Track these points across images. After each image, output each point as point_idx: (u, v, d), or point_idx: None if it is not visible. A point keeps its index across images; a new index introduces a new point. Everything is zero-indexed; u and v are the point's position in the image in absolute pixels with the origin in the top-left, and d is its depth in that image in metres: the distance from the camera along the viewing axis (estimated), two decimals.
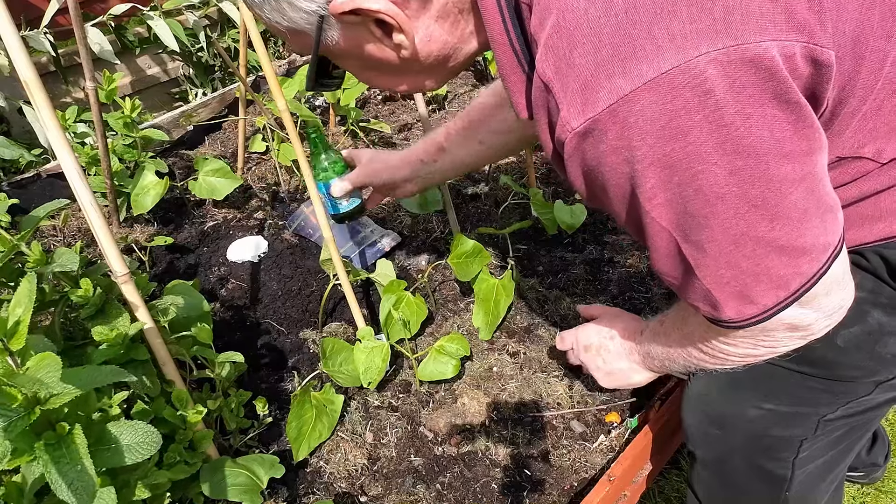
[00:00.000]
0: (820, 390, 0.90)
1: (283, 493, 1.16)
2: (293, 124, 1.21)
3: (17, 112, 2.18)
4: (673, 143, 0.59)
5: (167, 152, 2.17)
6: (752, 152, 0.59)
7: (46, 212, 0.99)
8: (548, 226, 1.70)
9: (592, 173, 0.67)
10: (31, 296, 0.72)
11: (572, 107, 0.62)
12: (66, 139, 0.88)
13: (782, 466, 1.00)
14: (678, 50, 0.56)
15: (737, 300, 0.69)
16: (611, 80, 0.59)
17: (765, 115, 0.58)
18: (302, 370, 1.40)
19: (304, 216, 1.74)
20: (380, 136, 2.28)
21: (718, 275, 0.68)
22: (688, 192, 0.62)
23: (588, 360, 1.16)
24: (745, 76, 0.56)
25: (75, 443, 0.69)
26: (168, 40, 2.37)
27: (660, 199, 0.64)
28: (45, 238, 1.77)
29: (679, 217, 0.65)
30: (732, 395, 0.99)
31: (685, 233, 0.66)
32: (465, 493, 1.17)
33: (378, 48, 0.75)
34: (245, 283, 1.62)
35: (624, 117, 0.59)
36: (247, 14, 1.19)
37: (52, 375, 0.64)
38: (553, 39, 0.63)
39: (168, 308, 1.10)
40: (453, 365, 1.30)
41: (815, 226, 0.64)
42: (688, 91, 0.57)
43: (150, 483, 0.91)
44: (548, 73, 0.64)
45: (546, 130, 0.70)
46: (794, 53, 0.58)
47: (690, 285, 0.71)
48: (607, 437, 1.27)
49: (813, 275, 0.66)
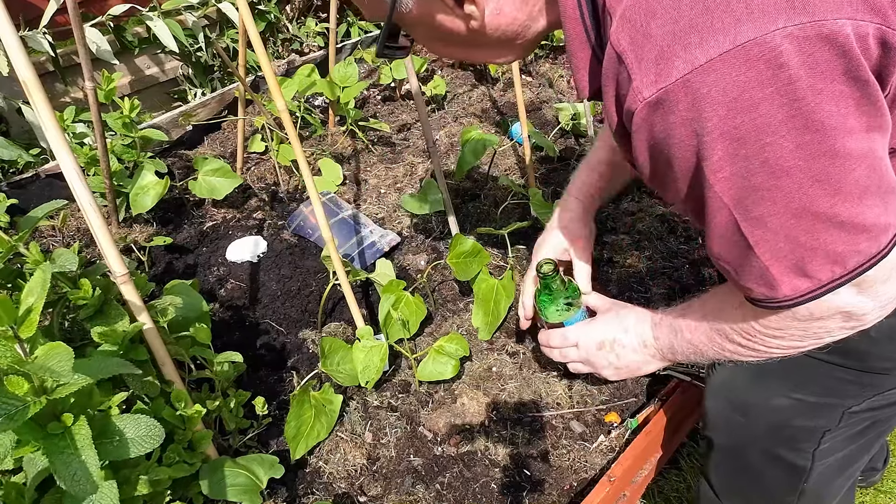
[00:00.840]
0: (848, 381, 0.90)
1: (282, 494, 1.16)
2: (292, 124, 1.21)
3: (16, 112, 2.18)
4: (743, 116, 0.60)
5: (166, 152, 2.17)
6: (820, 127, 0.60)
7: (44, 212, 0.99)
8: None
9: (659, 146, 0.68)
10: (45, 285, 0.72)
11: (646, 76, 0.63)
12: (65, 139, 0.88)
13: (803, 457, 1.00)
14: (755, 23, 0.58)
15: (792, 275, 0.69)
16: (687, 50, 0.60)
17: (834, 91, 0.59)
18: (301, 370, 1.40)
19: (304, 216, 1.74)
20: (379, 135, 2.28)
21: (776, 248, 0.68)
22: (754, 164, 0.63)
23: (599, 357, 1.11)
24: (819, 52, 0.58)
25: (80, 434, 0.69)
26: (167, 40, 2.37)
27: (725, 173, 0.64)
28: (44, 238, 1.77)
29: (742, 191, 0.65)
30: (759, 383, 0.99)
31: (746, 208, 0.66)
32: (464, 493, 1.17)
33: (449, 18, 0.76)
34: (244, 283, 1.62)
35: (697, 88, 0.60)
36: (246, 14, 1.19)
37: (62, 364, 0.64)
38: (630, 11, 0.64)
39: (167, 308, 1.10)
40: (452, 365, 1.30)
41: (875, 204, 0.64)
42: (762, 64, 0.58)
43: (152, 479, 0.91)
44: (622, 44, 0.65)
45: (613, 103, 0.71)
46: (868, 34, 0.59)
47: (746, 265, 0.71)
48: (607, 437, 1.26)
49: (872, 255, 0.66)
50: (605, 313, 1.14)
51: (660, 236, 1.76)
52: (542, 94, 2.57)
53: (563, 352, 1.17)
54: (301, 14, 3.06)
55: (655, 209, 1.84)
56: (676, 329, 0.97)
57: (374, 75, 2.68)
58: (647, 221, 1.80)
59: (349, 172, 2.09)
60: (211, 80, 2.71)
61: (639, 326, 1.06)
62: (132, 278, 0.98)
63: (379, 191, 2.01)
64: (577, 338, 1.14)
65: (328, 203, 1.77)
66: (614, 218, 1.83)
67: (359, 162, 2.15)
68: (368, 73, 2.73)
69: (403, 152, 2.20)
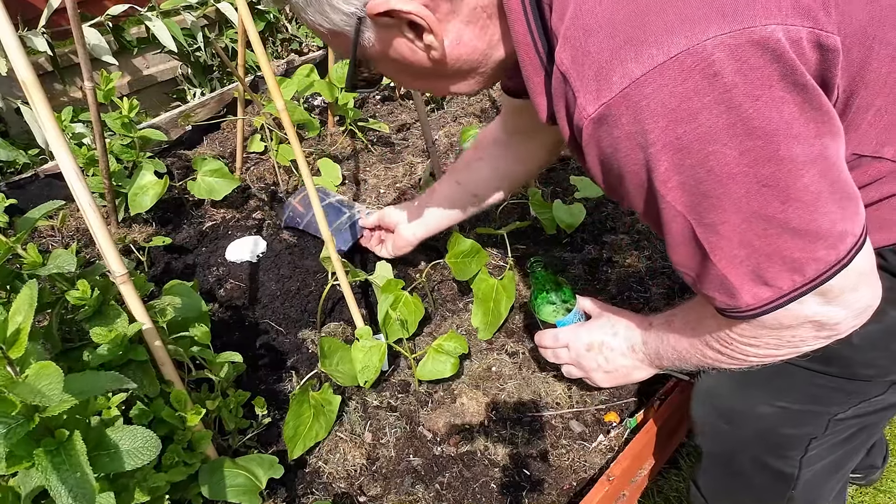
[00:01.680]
0: (832, 389, 0.89)
1: (281, 494, 1.16)
2: (291, 124, 1.21)
3: (15, 112, 2.18)
4: (684, 126, 0.61)
5: (165, 152, 2.17)
6: (762, 133, 0.60)
7: (42, 213, 0.99)
8: (546, 225, 1.70)
9: (609, 161, 0.69)
10: (32, 303, 0.71)
11: (588, 93, 0.64)
12: (64, 139, 0.88)
13: (790, 465, 1.00)
14: (687, 34, 0.58)
15: (752, 283, 0.69)
16: (623, 65, 0.61)
17: (773, 97, 0.59)
18: (300, 370, 1.40)
19: (291, 206, 1.73)
20: (378, 135, 2.28)
21: (732, 255, 0.68)
22: (700, 173, 0.63)
23: (588, 359, 1.12)
24: (752, 58, 0.58)
25: (75, 449, 0.68)
26: (166, 40, 2.37)
27: (673, 182, 0.65)
28: (44, 238, 1.77)
29: (693, 199, 0.65)
30: (743, 391, 0.99)
31: (699, 215, 0.67)
32: (463, 493, 1.17)
33: (410, 50, 0.78)
34: (244, 284, 1.62)
35: (636, 101, 0.61)
36: (245, 14, 1.19)
37: (52, 386, 0.64)
38: (570, 30, 0.65)
39: (166, 308, 1.10)
40: (451, 364, 1.30)
41: (830, 210, 0.64)
42: (697, 74, 0.58)
43: (149, 487, 0.90)
44: (565, 63, 0.66)
45: (564, 120, 0.72)
46: (801, 38, 0.59)
47: (706, 274, 0.71)
48: (606, 436, 1.27)
49: (832, 264, 0.66)
50: (598, 318, 1.15)
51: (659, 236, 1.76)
52: None
53: (555, 352, 1.18)
54: None
55: None
56: (662, 335, 0.97)
57: None
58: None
59: (348, 172, 2.09)
60: (210, 80, 2.71)
61: (628, 331, 1.07)
62: (131, 278, 0.98)
63: (378, 190, 2.01)
64: (568, 339, 1.16)
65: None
66: (613, 218, 1.83)
67: (358, 162, 2.15)
68: None
69: (403, 152, 2.20)
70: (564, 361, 1.18)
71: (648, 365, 1.05)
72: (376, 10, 0.71)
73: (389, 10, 0.71)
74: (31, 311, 0.70)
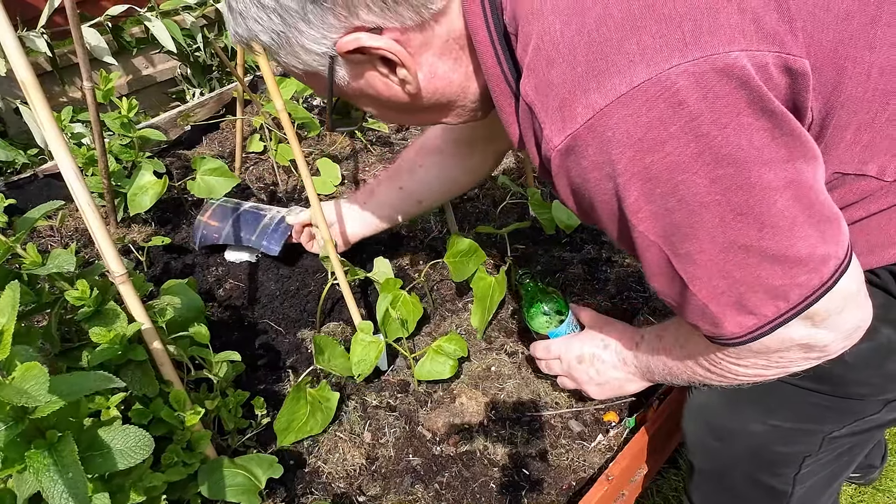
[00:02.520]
0: (825, 407, 0.88)
1: (281, 493, 1.16)
2: (291, 124, 1.21)
3: (14, 112, 2.18)
4: (651, 155, 0.60)
5: (164, 152, 2.17)
6: (732, 160, 0.59)
7: (41, 213, 0.99)
8: (546, 225, 1.70)
9: (579, 190, 0.68)
10: (15, 305, 0.70)
11: (553, 125, 0.63)
12: (64, 139, 0.88)
13: (783, 482, 0.99)
14: (649, 63, 0.57)
15: (735, 312, 0.68)
16: (586, 95, 0.60)
17: (741, 123, 0.58)
18: (300, 370, 1.40)
19: (203, 224, 1.65)
20: (377, 135, 2.28)
21: (712, 286, 0.67)
22: (671, 202, 0.62)
23: (580, 372, 1.13)
24: (717, 86, 0.57)
25: (66, 450, 0.68)
26: (165, 41, 2.37)
27: (645, 213, 0.64)
28: (43, 238, 1.77)
29: (666, 229, 0.64)
30: (735, 408, 0.97)
31: (673, 245, 0.65)
32: (463, 492, 1.17)
33: (385, 85, 0.77)
34: (243, 283, 1.62)
35: (601, 132, 0.60)
36: None
37: (38, 387, 0.63)
38: (533, 62, 0.64)
39: (166, 308, 1.10)
40: (451, 365, 1.30)
41: (807, 235, 0.63)
42: (661, 103, 0.57)
43: (145, 486, 0.90)
44: (530, 95, 0.65)
45: (534, 150, 0.72)
46: (767, 63, 0.58)
47: (687, 303, 0.70)
48: (605, 436, 1.27)
49: (816, 288, 0.65)
50: (590, 329, 1.15)
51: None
52: None
53: (548, 363, 1.19)
54: None
55: None
56: (653, 350, 0.97)
57: None
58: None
59: (347, 172, 2.09)
60: (209, 79, 2.71)
61: (619, 346, 1.07)
62: (130, 278, 0.98)
63: None
64: (559, 351, 1.16)
65: (224, 204, 1.68)
66: None
67: (357, 162, 2.15)
68: None
69: (402, 152, 2.20)
70: (556, 373, 1.18)
71: (640, 378, 1.05)
72: (346, 48, 0.70)
73: (359, 47, 0.70)
74: (13, 313, 0.69)
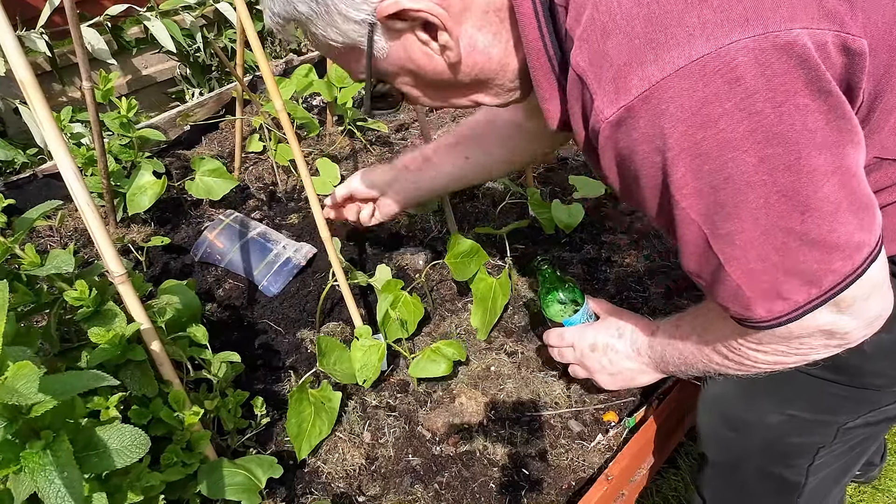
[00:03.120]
0: (842, 397, 0.88)
1: (280, 493, 1.16)
2: (290, 124, 1.21)
3: (13, 112, 2.18)
4: (704, 131, 0.59)
5: (164, 152, 2.17)
6: (783, 141, 0.59)
7: (40, 213, 0.99)
8: (545, 225, 1.70)
9: (625, 163, 0.67)
10: (4, 305, 0.69)
11: (605, 96, 0.63)
12: (63, 139, 0.88)
13: (797, 473, 0.99)
14: (709, 38, 0.57)
15: (767, 296, 0.67)
16: (643, 68, 0.59)
17: (797, 104, 0.58)
18: (299, 370, 1.40)
19: (209, 242, 1.64)
20: (377, 135, 2.28)
21: (748, 269, 0.66)
22: (717, 180, 0.62)
23: (592, 360, 1.12)
24: (776, 64, 0.56)
25: (62, 450, 0.68)
26: (165, 41, 2.37)
27: (690, 189, 0.63)
28: (42, 238, 1.77)
29: (709, 207, 0.64)
30: (751, 399, 0.97)
31: (714, 224, 0.65)
32: (462, 492, 1.17)
33: (426, 55, 0.75)
34: (242, 284, 1.62)
35: (655, 105, 0.60)
36: (243, 14, 1.19)
37: (29, 386, 0.63)
38: (587, 32, 0.64)
39: (165, 308, 1.10)
40: (446, 364, 1.30)
41: (848, 221, 0.63)
42: (718, 78, 0.57)
43: (143, 486, 0.90)
44: (581, 65, 0.65)
45: (580, 123, 0.71)
46: (826, 42, 0.58)
47: (720, 284, 0.70)
48: (605, 436, 1.27)
49: (847, 274, 0.65)
50: (605, 319, 1.15)
51: (657, 235, 1.77)
52: None
53: (560, 351, 1.18)
54: None
55: None
56: (669, 339, 0.97)
57: None
58: (645, 221, 1.80)
59: (347, 172, 2.09)
60: (209, 79, 2.71)
61: (634, 334, 1.06)
62: (130, 278, 0.98)
63: None
64: (573, 338, 1.15)
65: (234, 224, 1.67)
66: (612, 218, 1.83)
67: (357, 162, 2.15)
68: None
69: (401, 152, 2.20)
70: (569, 361, 1.17)
71: (653, 369, 1.04)
72: (387, 11, 0.68)
73: (401, 10, 0.68)
74: (2, 314, 0.68)
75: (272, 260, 1.59)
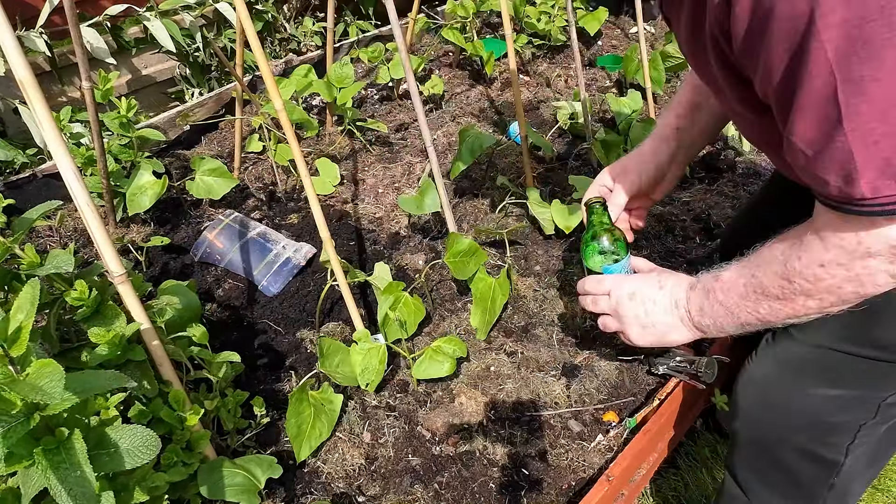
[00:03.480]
0: (883, 374, 0.89)
1: (280, 494, 1.16)
2: (290, 124, 1.21)
3: (13, 112, 2.18)
4: None
5: (164, 152, 2.17)
6: None
7: (40, 213, 0.99)
8: (545, 226, 1.70)
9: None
10: (34, 301, 0.71)
11: None
12: (62, 139, 0.88)
13: (836, 452, 0.98)
14: None
15: (879, 170, 0.62)
16: None
17: None
18: (299, 370, 1.40)
19: (209, 242, 1.65)
20: (377, 135, 2.28)
21: (869, 128, 0.61)
22: (871, 9, 0.56)
23: (627, 308, 1.07)
24: None
25: (75, 448, 0.68)
26: (164, 40, 2.37)
27: (836, 18, 0.58)
28: (41, 238, 1.77)
29: (850, 44, 0.59)
30: (795, 378, 0.97)
31: (849, 67, 0.60)
32: (462, 492, 1.17)
33: None
34: (242, 284, 1.62)
35: None
36: (243, 14, 1.19)
37: (53, 384, 0.64)
38: None
39: (165, 308, 1.10)
40: (448, 364, 1.30)
41: None
42: None
43: (148, 486, 0.90)
44: None
45: None
46: None
47: (829, 148, 0.64)
48: (605, 436, 1.27)
49: None
50: (647, 274, 1.13)
51: (657, 235, 1.77)
52: (539, 94, 2.57)
53: (595, 299, 1.14)
54: (298, 14, 3.06)
55: (653, 209, 1.84)
56: (709, 290, 0.94)
57: (371, 75, 2.67)
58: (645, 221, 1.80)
59: (346, 172, 2.09)
60: (208, 79, 2.71)
61: (675, 288, 1.03)
62: (129, 278, 0.98)
63: (377, 190, 2.01)
64: (612, 285, 1.11)
65: (234, 224, 1.68)
66: None
67: (356, 162, 2.15)
68: (366, 72, 2.73)
69: (401, 152, 2.20)
70: (602, 310, 1.12)
71: (689, 324, 1.00)
72: None
73: None
74: (32, 310, 0.70)
75: (272, 260, 1.60)
